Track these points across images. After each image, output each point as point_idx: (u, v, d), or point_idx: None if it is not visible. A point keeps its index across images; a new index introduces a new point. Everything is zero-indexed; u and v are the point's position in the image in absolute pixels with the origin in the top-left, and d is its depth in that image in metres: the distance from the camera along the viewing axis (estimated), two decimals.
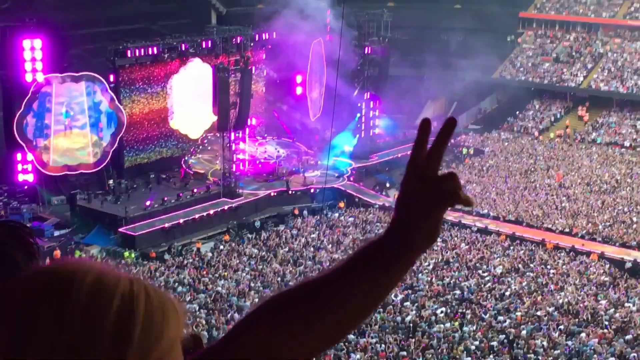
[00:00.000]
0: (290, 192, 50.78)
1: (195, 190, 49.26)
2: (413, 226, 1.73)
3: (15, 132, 44.88)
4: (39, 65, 45.15)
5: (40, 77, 45.18)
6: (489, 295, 34.82)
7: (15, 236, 1.86)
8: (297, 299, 1.70)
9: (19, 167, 45.59)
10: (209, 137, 55.46)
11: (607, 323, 31.89)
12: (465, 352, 28.88)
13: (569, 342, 29.96)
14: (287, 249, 41.17)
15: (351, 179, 54.09)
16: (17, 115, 44.80)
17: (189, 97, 53.56)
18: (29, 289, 1.37)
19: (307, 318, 1.69)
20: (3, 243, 1.82)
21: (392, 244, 1.73)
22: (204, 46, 53.51)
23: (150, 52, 50.93)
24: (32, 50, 44.80)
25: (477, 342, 29.62)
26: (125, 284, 1.38)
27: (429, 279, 36.54)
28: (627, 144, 63.35)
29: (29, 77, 44.95)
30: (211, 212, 46.74)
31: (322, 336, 1.72)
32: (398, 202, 1.76)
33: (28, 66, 44.88)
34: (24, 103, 44.87)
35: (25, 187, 46.12)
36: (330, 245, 41.77)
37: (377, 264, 1.72)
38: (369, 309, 1.76)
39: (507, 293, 35.01)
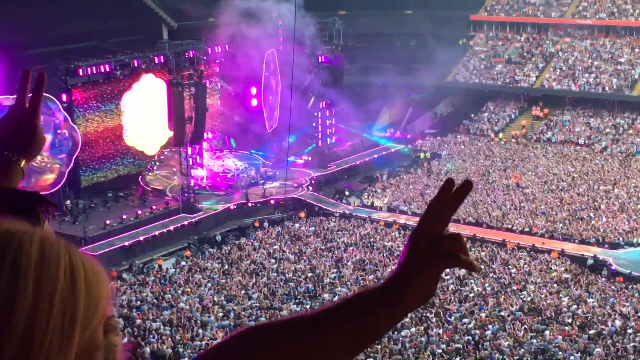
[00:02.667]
0: (250, 204, 50.59)
1: (154, 207, 48.90)
2: (406, 280, 1.70)
3: None
4: None
5: None
6: (453, 297, 34.94)
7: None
8: (280, 331, 1.67)
9: None
10: (166, 152, 55.13)
11: (570, 320, 32.18)
12: (431, 356, 28.92)
13: (534, 341, 30.16)
14: (249, 262, 40.97)
15: (310, 188, 54.03)
16: None
17: (143, 114, 53.17)
18: None
19: (288, 350, 1.65)
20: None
21: (383, 293, 1.69)
22: (156, 62, 53.21)
23: (102, 70, 50.52)
24: None
25: (443, 346, 29.67)
26: (66, 256, 1.42)
27: None
28: (581, 141, 64.18)
29: None
30: (171, 228, 46.42)
31: None
32: (401, 255, 1.74)
33: None
34: None
35: None
36: (292, 256, 41.67)
37: (363, 309, 1.68)
38: (350, 352, 1.71)
39: (471, 295, 35.16)
